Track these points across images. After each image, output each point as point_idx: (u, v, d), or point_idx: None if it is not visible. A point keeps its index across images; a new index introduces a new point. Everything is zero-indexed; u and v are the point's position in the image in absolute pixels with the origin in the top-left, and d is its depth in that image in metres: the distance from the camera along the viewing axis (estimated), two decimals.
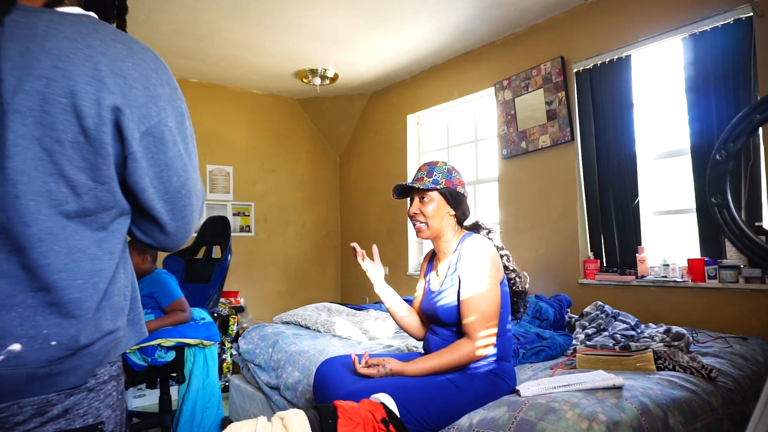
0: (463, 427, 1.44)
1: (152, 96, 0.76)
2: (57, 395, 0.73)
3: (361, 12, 3.32)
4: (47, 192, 0.70)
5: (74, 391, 0.75)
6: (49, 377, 0.72)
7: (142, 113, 0.74)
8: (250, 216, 4.89)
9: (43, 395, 0.72)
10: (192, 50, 3.90)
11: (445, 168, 1.76)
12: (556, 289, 3.32)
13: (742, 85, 2.56)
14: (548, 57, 3.43)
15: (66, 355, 0.72)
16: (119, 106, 0.72)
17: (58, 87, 0.69)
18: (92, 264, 0.75)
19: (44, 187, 0.70)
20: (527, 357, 2.13)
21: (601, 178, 3.16)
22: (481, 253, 1.64)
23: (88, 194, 0.73)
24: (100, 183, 0.74)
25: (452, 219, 1.77)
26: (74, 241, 0.73)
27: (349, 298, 5.30)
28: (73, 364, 0.74)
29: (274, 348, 2.60)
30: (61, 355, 0.72)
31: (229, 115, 4.80)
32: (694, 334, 2.35)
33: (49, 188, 0.70)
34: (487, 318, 1.59)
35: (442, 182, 1.73)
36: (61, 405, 0.74)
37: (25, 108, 0.68)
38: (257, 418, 1.26)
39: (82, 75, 0.70)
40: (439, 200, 1.74)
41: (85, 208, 0.74)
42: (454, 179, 1.75)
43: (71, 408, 0.75)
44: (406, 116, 4.66)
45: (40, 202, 0.70)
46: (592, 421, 1.31)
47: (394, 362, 1.61)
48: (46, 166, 0.69)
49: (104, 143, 0.72)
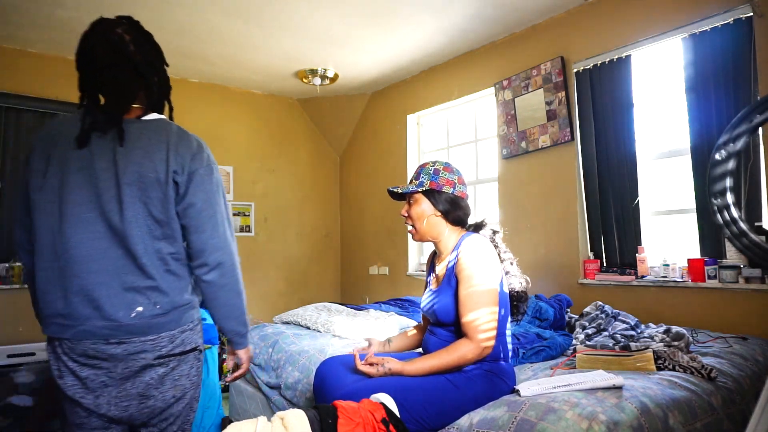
0: (463, 427, 1.44)
1: (193, 159, 1.36)
2: (177, 332, 1.35)
3: (361, 12, 3.32)
4: (145, 226, 1.30)
5: (184, 330, 1.37)
6: (163, 323, 1.32)
7: (185, 167, 1.35)
8: (250, 216, 4.89)
9: (168, 331, 1.33)
10: (192, 50, 3.90)
11: (432, 169, 1.75)
12: (556, 289, 3.32)
13: (742, 85, 2.56)
14: (548, 57, 3.43)
15: (166, 311, 1.33)
16: (176, 170, 1.32)
17: (147, 169, 1.30)
18: (171, 266, 1.35)
19: (144, 223, 1.30)
20: (527, 357, 2.13)
21: (601, 178, 3.16)
22: (478, 254, 1.63)
23: (165, 224, 1.33)
24: (171, 218, 1.33)
25: (441, 219, 1.74)
26: (160, 252, 1.33)
27: (349, 298, 5.30)
28: (171, 317, 1.34)
29: (274, 348, 2.60)
30: (163, 312, 1.32)
31: (229, 115, 4.80)
32: (694, 334, 2.35)
33: (147, 223, 1.30)
34: (485, 318, 1.58)
35: (427, 183, 1.73)
36: (179, 338, 1.36)
37: (131, 181, 1.29)
38: (257, 418, 1.26)
39: (159, 159, 1.31)
40: (424, 202, 1.74)
41: (164, 232, 1.33)
42: (440, 179, 1.72)
43: (184, 339, 1.37)
44: (406, 116, 4.66)
45: (143, 231, 1.30)
46: (592, 421, 1.31)
47: (394, 362, 1.61)
48: (143, 212, 1.30)
49: (169, 192, 1.32)
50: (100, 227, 1.27)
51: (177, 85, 4.81)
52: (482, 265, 1.62)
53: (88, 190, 1.28)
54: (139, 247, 1.28)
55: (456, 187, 1.74)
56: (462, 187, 1.76)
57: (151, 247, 1.30)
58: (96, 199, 1.28)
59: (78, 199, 1.28)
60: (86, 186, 1.28)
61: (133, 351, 1.28)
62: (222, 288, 1.38)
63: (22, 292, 3.73)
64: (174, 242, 1.34)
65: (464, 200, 1.76)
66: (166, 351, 1.32)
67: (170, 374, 1.34)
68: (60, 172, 1.29)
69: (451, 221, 1.75)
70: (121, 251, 1.28)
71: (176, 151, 1.32)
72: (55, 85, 3.92)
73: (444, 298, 1.68)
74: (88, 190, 1.28)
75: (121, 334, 1.27)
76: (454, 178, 1.75)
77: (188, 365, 1.38)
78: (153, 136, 1.32)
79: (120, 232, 1.27)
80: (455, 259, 1.68)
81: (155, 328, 1.30)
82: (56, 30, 3.50)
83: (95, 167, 1.28)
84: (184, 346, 1.36)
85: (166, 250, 1.32)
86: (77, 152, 1.29)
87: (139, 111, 1.37)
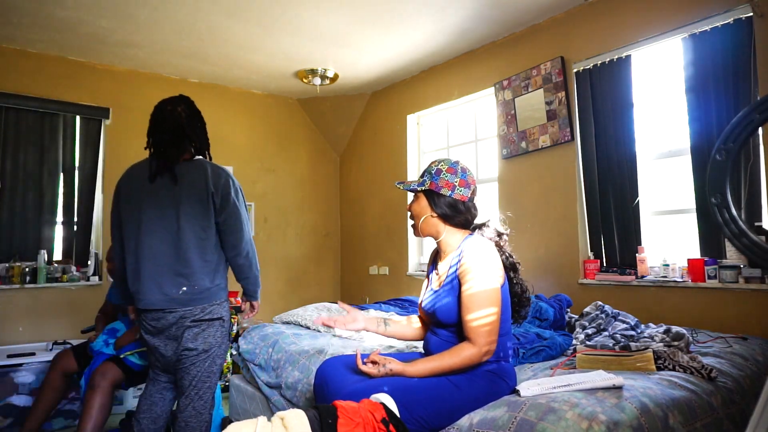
0: (463, 427, 1.44)
1: (224, 185, 2.03)
2: (207, 305, 2.00)
3: (361, 12, 3.32)
4: (192, 233, 1.97)
5: (212, 303, 2.01)
6: (195, 299, 1.97)
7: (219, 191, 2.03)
8: (250, 216, 4.89)
9: (200, 304, 1.98)
10: (192, 50, 3.90)
11: (435, 168, 1.74)
12: (556, 289, 3.32)
13: (742, 85, 2.56)
14: (548, 57, 3.43)
15: (202, 290, 1.99)
16: (212, 191, 1.99)
17: (193, 193, 1.98)
18: (207, 259, 2.01)
19: (192, 231, 1.98)
20: (527, 357, 2.13)
21: (601, 178, 3.16)
22: (480, 256, 1.62)
23: (206, 230, 2.01)
24: (210, 226, 2.02)
25: (437, 220, 1.74)
26: (200, 250, 1.99)
27: (349, 298, 5.30)
28: (203, 295, 1.99)
29: (274, 348, 2.60)
30: (197, 291, 1.98)
31: (229, 115, 4.81)
32: (694, 334, 2.35)
33: (194, 231, 1.98)
34: (488, 321, 1.58)
35: (427, 183, 1.74)
36: (208, 310, 2.00)
37: (183, 203, 1.97)
38: (257, 418, 1.26)
39: (201, 186, 1.99)
40: (423, 201, 1.75)
41: (204, 236, 2.00)
42: (440, 181, 1.71)
43: (211, 310, 2.01)
44: (406, 116, 4.66)
45: (191, 236, 1.97)
46: (592, 421, 1.31)
47: (395, 362, 1.61)
48: (192, 224, 1.97)
49: (210, 208, 2.00)
50: (163, 235, 1.96)
51: (177, 85, 4.83)
52: (484, 268, 1.61)
53: (156, 210, 1.97)
54: (188, 247, 1.96)
55: (455, 190, 1.70)
56: (463, 190, 1.71)
57: (195, 247, 1.97)
58: (161, 216, 1.97)
59: (149, 216, 1.97)
60: (155, 207, 1.97)
61: (179, 316, 1.97)
62: (248, 266, 2.12)
63: (22, 292, 3.73)
64: (209, 243, 2.01)
65: (465, 203, 1.72)
66: (199, 317, 1.98)
67: (201, 333, 1.99)
68: (138, 198, 2.00)
69: (449, 224, 1.74)
70: (174, 250, 1.96)
71: (213, 180, 2.01)
72: (55, 85, 3.93)
73: (446, 299, 1.68)
74: (156, 210, 1.97)
75: (173, 305, 1.96)
76: (455, 181, 1.71)
77: (214, 329, 2.03)
78: (196, 171, 2.02)
79: (176, 238, 1.96)
80: (458, 263, 1.67)
81: (193, 301, 1.97)
82: (56, 30, 3.51)
83: (160, 195, 1.98)
84: (212, 315, 2.01)
85: (204, 248, 1.99)
86: (149, 185, 2.00)
87: (188, 156, 2.09)
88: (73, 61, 4.03)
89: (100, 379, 2.37)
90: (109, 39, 3.67)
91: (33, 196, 3.86)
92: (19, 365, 3.15)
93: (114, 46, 3.80)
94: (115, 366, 2.46)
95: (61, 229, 3.99)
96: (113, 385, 2.41)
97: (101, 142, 4.15)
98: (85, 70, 4.07)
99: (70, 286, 3.91)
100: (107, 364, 2.46)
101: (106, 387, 2.37)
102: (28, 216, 3.83)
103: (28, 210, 3.84)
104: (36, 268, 3.76)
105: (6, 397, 3.08)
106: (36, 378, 3.16)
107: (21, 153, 3.83)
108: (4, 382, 3.09)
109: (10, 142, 3.79)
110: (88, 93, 4.07)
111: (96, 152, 4.13)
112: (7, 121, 3.78)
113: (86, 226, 4.07)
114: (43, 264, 3.77)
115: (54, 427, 3.11)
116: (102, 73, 4.15)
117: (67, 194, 4.01)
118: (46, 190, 3.91)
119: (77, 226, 4.03)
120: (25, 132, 3.84)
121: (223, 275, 2.08)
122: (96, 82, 4.11)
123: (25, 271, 3.72)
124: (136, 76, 4.30)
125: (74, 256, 4.01)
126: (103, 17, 3.33)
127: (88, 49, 3.86)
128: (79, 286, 3.95)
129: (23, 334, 3.73)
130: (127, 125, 4.15)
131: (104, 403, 2.34)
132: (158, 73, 4.39)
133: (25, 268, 3.73)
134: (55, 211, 3.95)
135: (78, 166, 4.06)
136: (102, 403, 2.33)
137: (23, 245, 3.80)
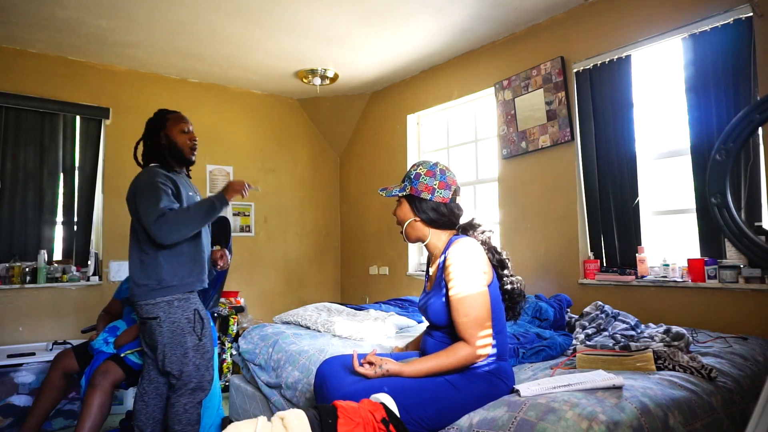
0: (463, 427, 1.44)
1: (129, 192, 2.21)
2: (144, 304, 2.13)
3: (361, 12, 3.32)
4: (133, 232, 2.22)
5: (147, 303, 2.13)
6: (140, 295, 2.13)
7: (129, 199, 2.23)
8: (250, 216, 4.89)
9: (138, 301, 2.14)
10: (192, 50, 3.90)
11: (414, 173, 1.75)
12: (556, 289, 3.32)
13: (742, 85, 2.56)
14: (548, 57, 3.43)
15: (144, 291, 2.14)
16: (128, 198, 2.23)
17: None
18: (141, 260, 2.17)
19: (134, 230, 2.22)
20: (527, 357, 2.12)
21: (601, 178, 3.16)
22: (465, 256, 1.62)
23: (138, 231, 2.18)
24: (140, 228, 2.16)
25: (421, 224, 1.75)
26: (139, 252, 2.18)
27: (349, 298, 5.30)
28: (139, 291, 2.14)
29: (274, 348, 2.60)
30: (141, 291, 2.14)
31: (229, 115, 4.81)
32: (694, 334, 2.35)
33: (134, 231, 2.22)
34: (479, 320, 1.58)
35: (408, 188, 1.75)
36: (145, 309, 2.14)
37: None
38: (257, 418, 1.26)
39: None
40: (406, 207, 1.77)
41: (139, 237, 2.19)
42: (419, 185, 1.72)
43: (150, 308, 2.13)
44: (406, 116, 4.66)
45: (133, 238, 2.22)
46: (592, 421, 1.31)
47: (392, 363, 1.61)
48: (135, 223, 2.22)
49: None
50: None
51: (177, 85, 4.82)
52: (469, 268, 1.61)
53: None
54: (131, 249, 2.22)
55: (435, 193, 1.71)
56: (443, 191, 1.71)
57: (133, 248, 2.20)
58: None
59: None
60: None
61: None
62: (186, 229, 2.12)
63: (23, 292, 3.73)
64: (144, 244, 2.16)
65: (447, 205, 1.73)
66: (141, 315, 2.18)
67: (147, 331, 2.18)
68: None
69: (434, 227, 1.75)
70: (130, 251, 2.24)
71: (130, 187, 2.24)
72: (55, 85, 3.93)
73: (435, 300, 1.68)
74: None
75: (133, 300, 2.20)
76: (434, 183, 1.71)
77: (152, 328, 2.14)
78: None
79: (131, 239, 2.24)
80: (443, 264, 1.68)
81: (134, 297, 2.16)
82: (56, 30, 3.51)
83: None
84: (147, 314, 2.15)
85: (140, 249, 2.17)
86: None
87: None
88: (73, 61, 4.03)
89: (100, 379, 2.38)
90: (109, 39, 3.67)
91: (33, 196, 3.86)
92: (19, 365, 3.15)
93: (114, 46, 3.80)
94: (116, 365, 2.46)
95: (61, 229, 3.99)
96: (113, 385, 2.42)
97: (101, 142, 4.15)
98: (85, 70, 4.07)
99: (70, 286, 3.91)
100: (108, 363, 2.46)
101: (106, 386, 2.37)
102: (28, 216, 3.83)
103: (28, 210, 3.84)
104: (36, 268, 3.76)
105: (6, 397, 3.08)
106: (36, 378, 3.16)
107: (21, 153, 3.83)
108: (4, 382, 3.09)
109: (10, 142, 3.79)
110: (88, 93, 4.07)
111: (96, 152, 4.13)
112: (7, 121, 3.78)
113: (86, 226, 4.07)
114: (43, 264, 3.77)
115: (54, 427, 3.11)
116: (102, 73, 4.15)
117: (67, 194, 4.01)
118: (46, 190, 3.91)
119: (77, 226, 4.03)
120: (25, 132, 3.84)
121: (155, 275, 2.12)
122: (96, 82, 4.11)
123: (25, 271, 3.72)
124: (136, 76, 4.30)
125: (74, 256, 4.01)
126: (103, 17, 3.33)
127: (88, 49, 3.86)
128: (79, 286, 3.95)
129: (23, 334, 3.73)
130: (127, 125, 4.15)
131: (103, 402, 2.34)
132: (158, 73, 4.39)
133: (25, 268, 3.73)
134: (55, 211, 3.95)
135: (78, 166, 4.06)
136: (101, 402, 2.33)
137: (23, 245, 3.81)
